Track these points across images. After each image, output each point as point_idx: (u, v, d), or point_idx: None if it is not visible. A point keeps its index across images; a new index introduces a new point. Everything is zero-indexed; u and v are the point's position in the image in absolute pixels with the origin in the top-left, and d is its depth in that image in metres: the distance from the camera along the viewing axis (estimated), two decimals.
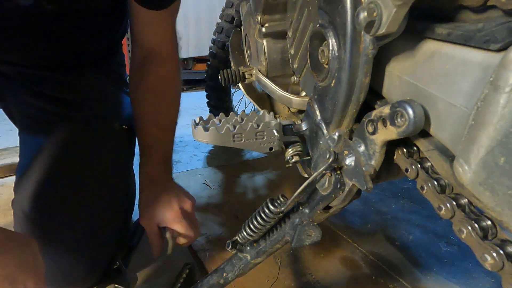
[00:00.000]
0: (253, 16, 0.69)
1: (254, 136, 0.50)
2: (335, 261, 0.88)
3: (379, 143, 0.37)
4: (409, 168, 0.38)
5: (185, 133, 1.85)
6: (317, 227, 0.48)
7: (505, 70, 0.25)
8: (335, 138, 0.42)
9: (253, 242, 0.56)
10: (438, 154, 0.34)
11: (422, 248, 0.95)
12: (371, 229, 1.04)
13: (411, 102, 0.32)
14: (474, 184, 0.28)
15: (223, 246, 0.59)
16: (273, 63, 0.69)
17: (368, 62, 0.36)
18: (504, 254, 0.28)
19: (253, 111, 0.57)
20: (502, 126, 0.25)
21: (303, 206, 0.49)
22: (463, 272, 0.86)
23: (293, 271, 0.84)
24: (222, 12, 1.38)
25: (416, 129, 0.32)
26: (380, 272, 0.85)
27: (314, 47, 0.45)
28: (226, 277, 0.60)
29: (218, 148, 1.63)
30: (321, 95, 0.44)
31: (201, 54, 3.60)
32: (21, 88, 0.80)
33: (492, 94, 0.26)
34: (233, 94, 1.64)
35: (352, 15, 0.35)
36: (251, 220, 0.52)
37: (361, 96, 0.39)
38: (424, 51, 0.34)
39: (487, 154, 0.27)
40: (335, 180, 0.42)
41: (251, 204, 1.18)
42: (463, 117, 0.30)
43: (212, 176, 1.37)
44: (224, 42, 1.38)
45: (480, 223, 0.31)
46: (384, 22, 0.30)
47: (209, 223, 1.03)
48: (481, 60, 0.28)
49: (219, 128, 0.50)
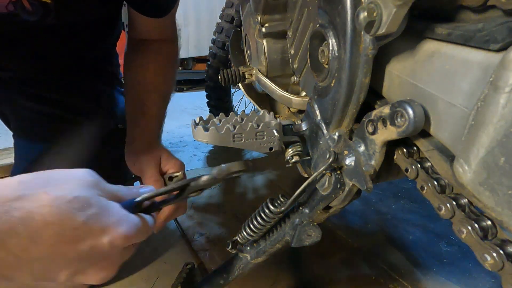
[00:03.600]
0: (253, 16, 0.69)
1: (254, 136, 0.50)
2: (335, 261, 0.88)
3: (379, 143, 0.37)
4: (409, 168, 0.38)
5: (185, 133, 1.85)
6: (317, 227, 0.48)
7: (505, 70, 0.25)
8: (335, 138, 0.42)
9: (253, 242, 0.56)
10: (438, 154, 0.34)
11: (422, 248, 0.95)
12: (371, 229, 1.04)
13: (411, 102, 0.32)
14: (474, 184, 0.28)
15: (223, 246, 0.59)
16: (273, 63, 0.69)
17: (368, 62, 0.36)
18: (504, 254, 0.28)
19: (253, 111, 0.57)
20: (502, 126, 0.25)
21: (303, 206, 0.49)
22: (463, 272, 0.85)
23: (293, 271, 0.84)
24: (222, 12, 1.39)
25: (416, 129, 0.32)
26: (380, 272, 0.85)
27: (314, 47, 0.45)
28: (226, 277, 0.60)
29: (218, 148, 1.63)
30: (321, 95, 0.44)
31: (201, 54, 3.60)
32: (16, 91, 0.81)
33: (492, 94, 0.26)
34: (233, 94, 1.64)
35: (352, 15, 0.35)
36: (251, 220, 0.52)
37: (361, 96, 0.39)
38: (424, 51, 0.34)
39: (487, 154, 0.27)
40: (335, 180, 0.42)
41: (251, 204, 1.18)
42: (463, 117, 0.30)
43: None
44: (224, 42, 1.38)
45: (480, 223, 0.31)
46: (384, 22, 0.30)
47: (209, 223, 1.03)
48: (481, 60, 0.28)
49: (219, 128, 0.50)
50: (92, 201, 0.34)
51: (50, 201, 0.31)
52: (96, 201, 0.34)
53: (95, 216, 0.33)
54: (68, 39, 0.77)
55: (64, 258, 0.32)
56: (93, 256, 0.34)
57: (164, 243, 0.91)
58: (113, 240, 0.34)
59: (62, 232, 0.31)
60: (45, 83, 0.81)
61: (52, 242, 0.31)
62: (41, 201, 0.31)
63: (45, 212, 0.31)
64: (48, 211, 0.31)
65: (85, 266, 0.34)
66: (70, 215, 0.32)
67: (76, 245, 0.32)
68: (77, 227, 0.32)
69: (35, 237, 0.30)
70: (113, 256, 0.36)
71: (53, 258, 0.31)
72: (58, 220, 0.31)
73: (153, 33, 0.79)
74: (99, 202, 0.35)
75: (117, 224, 0.35)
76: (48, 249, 0.31)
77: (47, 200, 0.31)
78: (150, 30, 0.79)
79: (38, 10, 0.64)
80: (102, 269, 0.35)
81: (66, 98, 0.82)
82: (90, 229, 0.33)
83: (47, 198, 0.31)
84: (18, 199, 0.30)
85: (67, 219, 0.31)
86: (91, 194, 0.35)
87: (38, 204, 0.31)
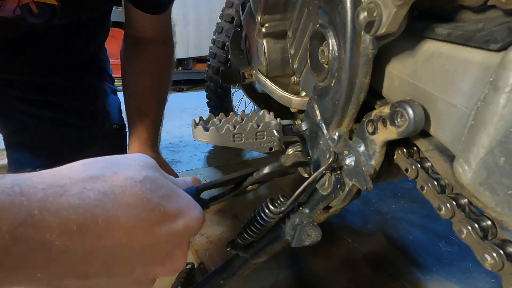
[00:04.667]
0: (253, 16, 0.69)
1: (254, 136, 0.50)
2: (335, 261, 0.88)
3: (379, 143, 0.37)
4: (409, 168, 0.38)
5: (185, 133, 1.85)
6: (317, 227, 0.48)
7: (505, 70, 0.25)
8: (335, 138, 0.42)
9: (253, 242, 0.56)
10: (438, 154, 0.34)
11: (422, 248, 0.95)
12: (371, 229, 1.04)
13: (411, 102, 0.32)
14: (474, 184, 0.28)
15: (223, 246, 0.59)
16: (273, 63, 0.69)
17: (368, 62, 0.36)
18: (504, 254, 0.28)
19: (253, 111, 0.57)
20: (502, 126, 0.25)
21: (303, 206, 0.49)
22: (463, 272, 0.85)
23: (293, 271, 0.84)
24: (222, 12, 1.39)
25: (416, 129, 0.32)
26: (380, 272, 0.85)
27: (314, 47, 0.45)
28: (226, 277, 0.59)
29: (218, 148, 1.63)
30: (321, 95, 0.44)
31: (201, 54, 3.60)
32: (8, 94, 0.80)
33: (492, 94, 0.26)
34: (233, 94, 1.64)
35: (352, 15, 0.35)
36: (251, 220, 0.52)
37: (361, 96, 0.39)
38: (424, 51, 0.34)
39: (487, 154, 0.27)
40: (335, 180, 0.42)
41: (251, 204, 1.18)
42: (463, 117, 0.30)
43: (212, 176, 1.37)
44: (224, 42, 1.38)
45: (480, 223, 0.31)
46: (384, 22, 0.30)
47: (209, 223, 1.03)
48: (481, 60, 0.28)
49: (219, 128, 0.50)
50: (160, 182, 0.31)
51: (122, 181, 0.28)
52: (165, 182, 0.32)
53: (168, 197, 0.31)
54: (66, 39, 0.77)
55: (141, 245, 0.28)
56: (169, 241, 0.30)
57: None
58: (188, 223, 0.31)
59: (138, 215, 0.28)
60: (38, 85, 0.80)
61: (129, 225, 0.27)
62: (113, 181, 0.28)
63: (118, 193, 0.28)
64: (122, 192, 0.28)
65: (161, 255, 0.31)
66: (145, 196, 0.29)
67: (153, 228, 0.29)
68: (153, 209, 0.29)
69: (113, 220, 0.27)
70: (185, 243, 0.33)
71: (130, 246, 0.28)
72: (133, 201, 0.28)
73: (149, 31, 0.79)
74: (168, 184, 0.32)
75: (189, 207, 0.33)
76: (125, 234, 0.27)
77: (119, 180, 0.28)
78: (146, 28, 0.79)
79: (45, 13, 0.64)
80: (177, 259, 0.32)
81: (60, 99, 0.82)
82: (166, 211, 0.30)
83: (117, 178, 0.28)
84: (88, 180, 0.27)
85: (141, 199, 0.29)
86: (158, 176, 0.32)
87: (111, 184, 0.28)
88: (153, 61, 0.80)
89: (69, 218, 0.25)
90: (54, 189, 0.25)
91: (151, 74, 0.79)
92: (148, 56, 0.80)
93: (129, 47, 0.82)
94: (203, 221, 0.34)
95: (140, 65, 0.80)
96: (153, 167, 0.33)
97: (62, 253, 0.24)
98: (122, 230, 0.27)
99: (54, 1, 0.64)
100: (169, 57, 0.85)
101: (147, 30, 0.79)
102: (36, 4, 0.63)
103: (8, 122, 0.81)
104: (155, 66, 0.80)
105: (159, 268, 0.31)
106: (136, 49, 0.80)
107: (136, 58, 0.80)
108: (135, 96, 0.79)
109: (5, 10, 0.62)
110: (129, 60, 0.81)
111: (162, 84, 0.82)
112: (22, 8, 0.62)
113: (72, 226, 0.25)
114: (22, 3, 0.62)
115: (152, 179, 0.31)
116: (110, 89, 0.92)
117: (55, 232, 0.24)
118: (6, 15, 0.63)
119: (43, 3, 0.63)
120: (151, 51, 0.80)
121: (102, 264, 0.27)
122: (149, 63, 0.80)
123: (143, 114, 0.77)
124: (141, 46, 0.80)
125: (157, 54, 0.80)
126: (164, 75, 0.83)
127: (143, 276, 0.31)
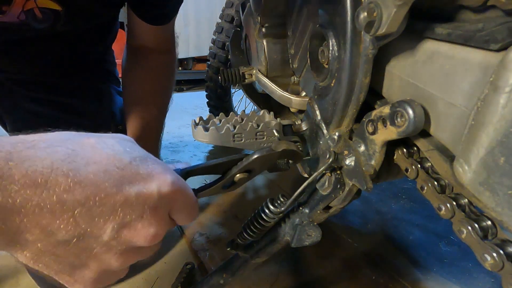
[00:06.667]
0: (253, 16, 0.69)
1: (254, 136, 0.50)
2: (335, 261, 0.88)
3: (379, 143, 0.37)
4: (409, 168, 0.38)
5: (185, 133, 1.85)
6: (317, 227, 0.48)
7: (505, 70, 0.25)
8: (335, 138, 0.42)
9: (253, 242, 0.56)
10: (438, 154, 0.34)
11: (422, 248, 0.95)
12: (371, 229, 1.04)
13: (411, 102, 0.32)
14: (474, 184, 0.28)
15: (223, 246, 0.59)
16: (273, 63, 0.69)
17: (368, 62, 0.36)
18: (504, 254, 0.28)
19: (253, 111, 0.57)
20: (502, 126, 0.25)
21: (303, 206, 0.49)
22: (463, 272, 0.85)
23: (293, 271, 0.84)
24: (222, 12, 1.39)
25: (416, 129, 0.32)
26: (380, 272, 0.85)
27: (314, 47, 0.45)
28: (226, 277, 0.59)
29: (218, 148, 1.63)
30: (321, 95, 0.44)
31: (201, 54, 3.60)
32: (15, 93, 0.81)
33: (492, 94, 0.26)
34: (233, 94, 1.64)
35: (352, 15, 0.35)
36: (251, 220, 0.52)
37: (361, 96, 0.39)
38: (424, 51, 0.34)
39: (487, 154, 0.27)
40: (335, 180, 0.42)
41: (251, 204, 1.18)
42: (463, 117, 0.30)
43: (212, 176, 1.37)
44: (224, 42, 1.38)
45: (480, 223, 0.31)
46: (384, 22, 0.30)
47: (209, 223, 1.03)
48: (481, 60, 0.28)
49: (219, 128, 0.50)
50: (136, 148, 0.32)
51: (93, 143, 0.29)
52: (140, 149, 0.32)
53: (141, 160, 0.31)
54: (72, 42, 0.78)
55: (110, 203, 0.28)
56: (141, 203, 0.30)
57: (164, 243, 0.91)
58: (161, 187, 0.31)
59: (108, 172, 0.28)
60: (44, 84, 0.81)
61: (98, 180, 0.27)
62: (84, 143, 0.29)
63: (88, 151, 0.28)
64: (92, 151, 0.29)
65: (132, 217, 0.30)
66: (115, 155, 0.29)
67: (123, 186, 0.29)
68: (123, 167, 0.29)
69: (80, 175, 0.27)
70: (161, 208, 0.32)
71: (100, 202, 0.28)
72: (104, 159, 0.29)
73: (152, 41, 0.80)
74: (143, 150, 0.32)
75: (165, 171, 0.32)
76: (94, 189, 0.27)
77: (90, 142, 0.29)
78: (149, 38, 0.80)
79: (49, 18, 0.65)
80: (151, 224, 0.31)
81: (67, 99, 0.82)
82: (137, 171, 0.30)
83: (89, 141, 0.29)
84: (59, 139, 0.28)
85: (112, 157, 0.29)
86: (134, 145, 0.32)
87: (81, 145, 0.29)
88: (155, 69, 0.81)
89: (35, 169, 0.25)
90: (23, 143, 0.26)
91: (152, 83, 0.81)
92: (150, 65, 0.81)
93: (131, 55, 0.83)
94: (180, 188, 0.33)
95: (141, 73, 0.81)
96: (131, 141, 0.33)
97: (25, 205, 0.24)
98: (91, 184, 0.27)
99: (58, 6, 0.65)
100: (170, 67, 0.86)
101: (150, 40, 0.80)
102: (40, 9, 0.63)
103: (16, 121, 0.82)
104: (156, 75, 0.82)
105: (132, 231, 0.30)
106: (138, 58, 0.81)
107: (137, 66, 0.81)
108: (136, 104, 0.80)
109: (9, 15, 0.62)
110: (131, 68, 0.83)
111: (163, 92, 0.84)
112: (27, 13, 0.63)
113: (38, 178, 0.25)
114: (27, 8, 0.62)
115: (126, 144, 0.31)
116: (116, 90, 0.93)
117: (20, 183, 0.24)
118: (10, 20, 0.63)
119: (47, 8, 0.64)
120: (153, 61, 0.81)
121: (68, 220, 0.27)
122: (150, 72, 0.81)
123: (143, 122, 0.78)
124: (143, 55, 0.81)
125: (158, 63, 0.82)
126: (165, 84, 0.84)
127: (115, 240, 0.30)
